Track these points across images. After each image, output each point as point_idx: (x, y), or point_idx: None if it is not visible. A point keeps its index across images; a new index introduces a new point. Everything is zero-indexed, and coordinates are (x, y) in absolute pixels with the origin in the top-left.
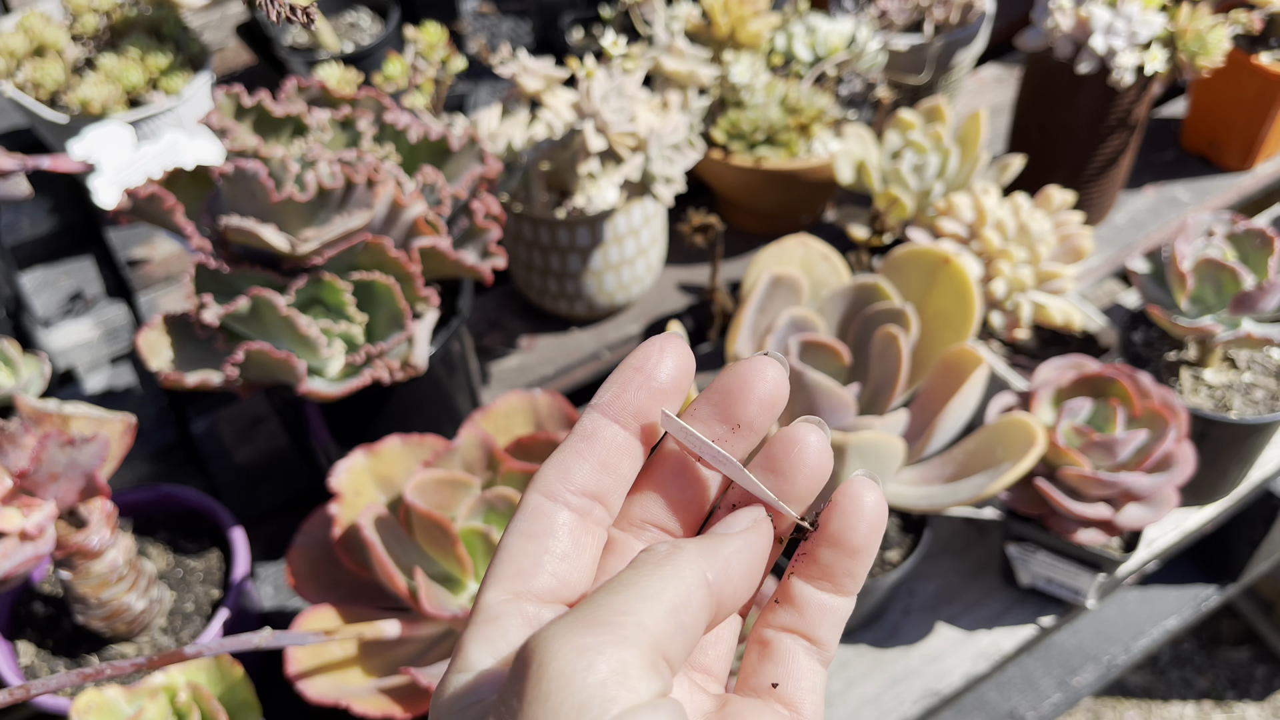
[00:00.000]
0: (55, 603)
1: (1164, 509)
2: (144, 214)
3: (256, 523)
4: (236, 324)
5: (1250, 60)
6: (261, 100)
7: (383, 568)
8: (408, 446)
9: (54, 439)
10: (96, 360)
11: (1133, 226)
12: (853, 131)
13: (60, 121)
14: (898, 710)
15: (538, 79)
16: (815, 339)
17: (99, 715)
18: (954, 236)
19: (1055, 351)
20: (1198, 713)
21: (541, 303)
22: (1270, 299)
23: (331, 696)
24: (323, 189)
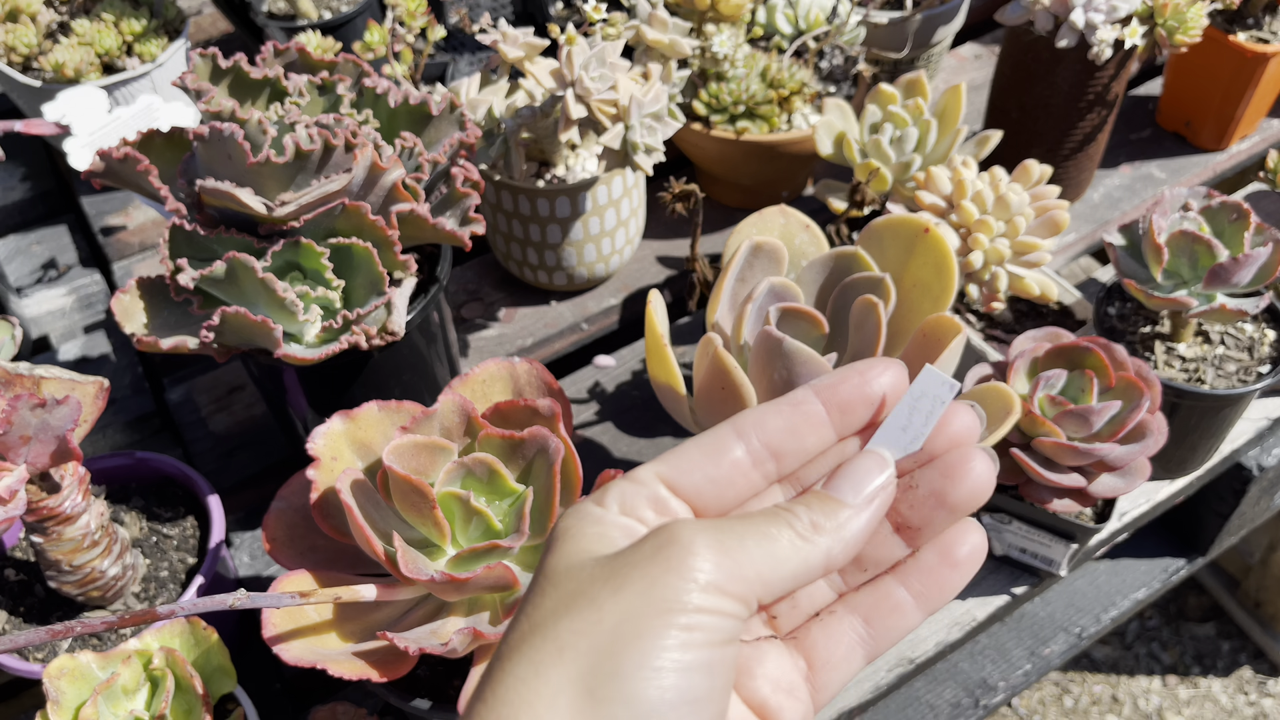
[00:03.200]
0: (27, 568)
1: (1137, 479)
2: (117, 176)
3: (233, 491)
4: (212, 288)
5: (1227, 39)
6: (238, 63)
7: (360, 532)
8: (386, 412)
9: (25, 401)
10: (71, 328)
11: (1108, 204)
12: (833, 104)
13: (33, 86)
14: (872, 678)
15: (518, 47)
16: (794, 307)
17: (71, 680)
18: (932, 208)
19: (1030, 324)
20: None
21: (521, 274)
22: (1245, 272)
23: (308, 660)
24: (300, 152)
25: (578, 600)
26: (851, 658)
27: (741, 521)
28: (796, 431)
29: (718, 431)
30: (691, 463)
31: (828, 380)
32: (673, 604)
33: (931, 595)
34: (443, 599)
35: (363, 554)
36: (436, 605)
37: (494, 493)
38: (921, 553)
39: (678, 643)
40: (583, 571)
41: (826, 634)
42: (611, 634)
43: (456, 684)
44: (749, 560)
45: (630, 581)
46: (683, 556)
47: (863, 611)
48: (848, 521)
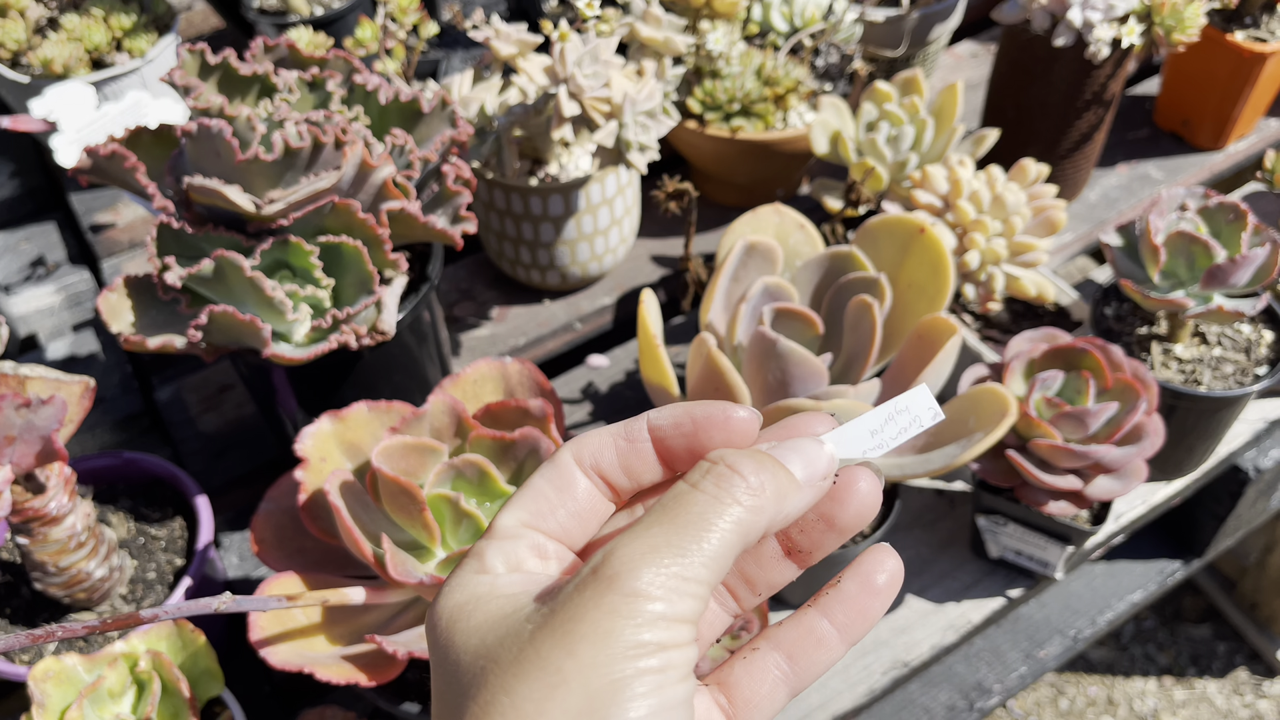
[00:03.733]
0: (12, 570)
1: (1133, 481)
2: (105, 173)
3: (221, 492)
4: (200, 287)
5: (1224, 38)
6: (227, 59)
7: (349, 534)
8: (375, 413)
9: (10, 400)
10: (59, 327)
11: (1105, 203)
12: (828, 103)
13: (21, 81)
14: (866, 681)
15: (511, 44)
16: (789, 307)
17: (57, 683)
18: (929, 208)
19: (1027, 325)
20: (1159, 688)
21: (514, 273)
22: (1242, 273)
23: (295, 663)
24: (289, 149)
25: (525, 665)
26: (775, 695)
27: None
28: (631, 471)
29: (559, 463)
30: (549, 503)
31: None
32: (636, 648)
33: (854, 625)
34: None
35: (352, 556)
36: (424, 609)
37: (484, 494)
38: (843, 582)
39: (654, 685)
40: (518, 634)
41: (749, 672)
42: (583, 693)
43: None
44: (693, 570)
45: (582, 636)
46: (630, 596)
47: (786, 648)
48: (790, 495)
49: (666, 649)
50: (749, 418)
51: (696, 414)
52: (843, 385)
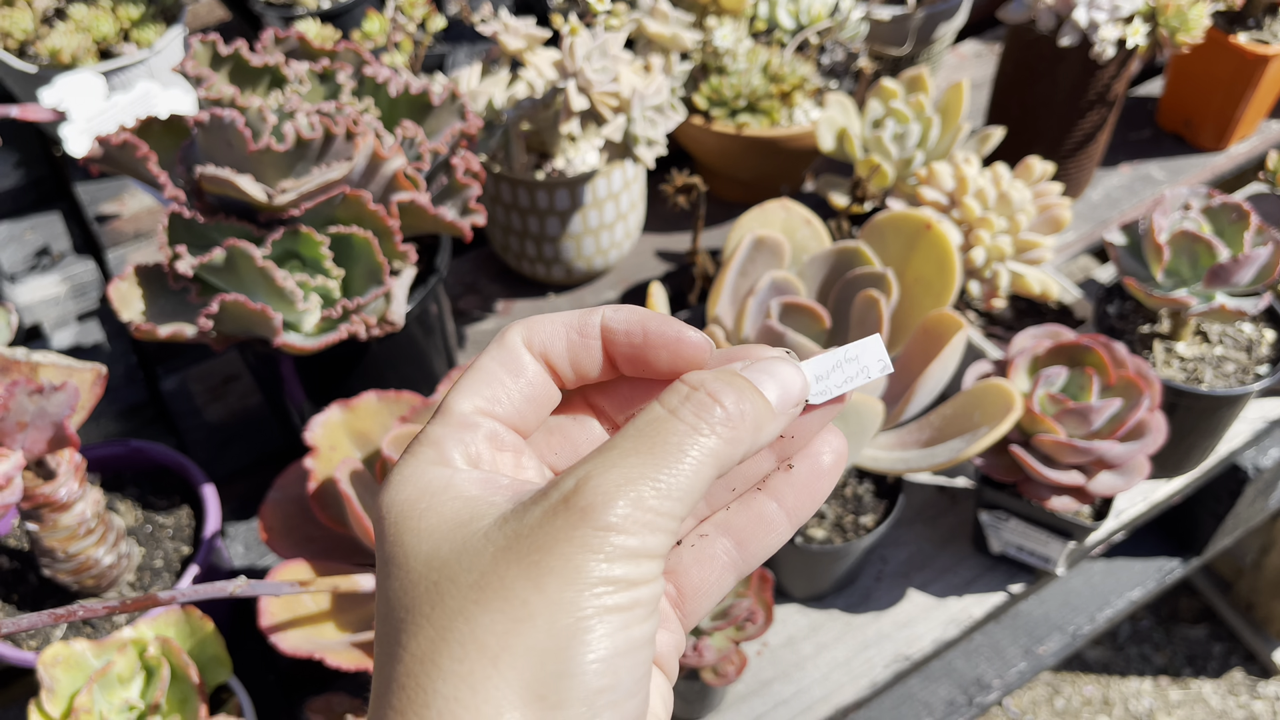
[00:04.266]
0: (21, 556)
1: (1135, 477)
2: (116, 163)
3: (226, 481)
4: (211, 276)
5: (1228, 39)
6: (239, 50)
7: (358, 522)
8: (384, 402)
9: (22, 387)
10: (63, 316)
11: (1108, 203)
12: (834, 100)
13: (29, 71)
14: (869, 674)
15: (519, 38)
16: (796, 301)
17: (66, 668)
18: (934, 204)
19: (1030, 323)
20: (1155, 688)
21: (519, 266)
22: (1245, 272)
23: (305, 649)
24: (301, 139)
25: (487, 593)
26: (723, 580)
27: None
28: (578, 365)
29: (508, 345)
30: (503, 387)
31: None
32: (604, 584)
33: (802, 507)
34: None
35: (359, 544)
36: None
37: None
38: (795, 465)
39: (621, 622)
40: (479, 553)
41: (697, 560)
42: (548, 630)
43: None
44: (665, 503)
45: (550, 569)
46: (603, 528)
47: (734, 533)
48: (767, 425)
49: (635, 585)
50: (700, 343)
51: (650, 326)
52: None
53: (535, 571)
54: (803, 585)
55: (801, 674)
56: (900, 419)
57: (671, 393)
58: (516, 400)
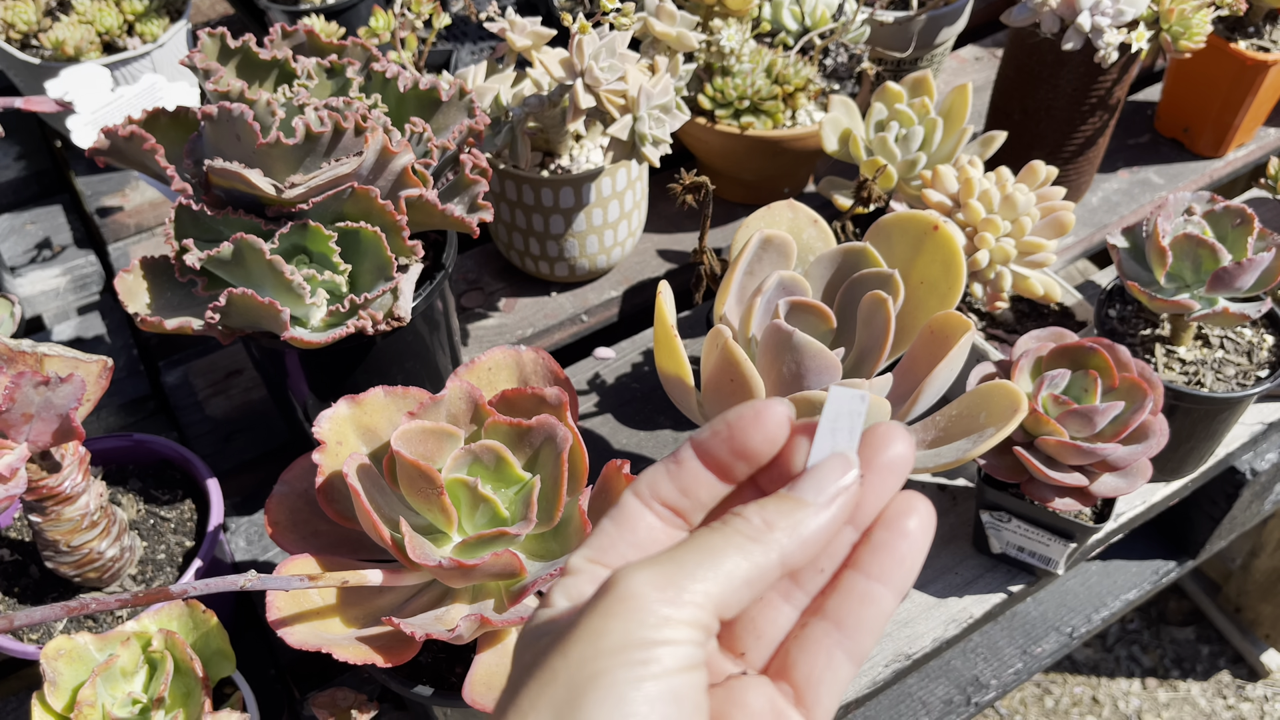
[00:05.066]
0: (23, 548)
1: (1138, 479)
2: (122, 155)
3: (230, 475)
4: (218, 269)
5: (1228, 46)
6: (247, 43)
7: (367, 517)
8: (392, 398)
9: (28, 379)
10: (64, 309)
11: (1106, 208)
12: (838, 101)
13: (32, 63)
14: (869, 672)
15: (526, 35)
16: (803, 301)
17: (69, 662)
18: (939, 206)
19: (1031, 325)
20: (1143, 689)
21: (522, 264)
22: (1247, 276)
23: (312, 643)
24: (310, 134)
25: (531, 671)
26: (836, 666)
27: (683, 547)
28: (688, 491)
29: (623, 503)
30: (611, 539)
31: (705, 434)
32: (623, 643)
33: (894, 573)
34: (448, 585)
35: (365, 539)
36: (440, 592)
37: (501, 480)
38: (873, 534)
39: (635, 676)
40: (537, 649)
41: (802, 650)
42: (568, 685)
43: (458, 671)
44: (695, 584)
45: (577, 637)
46: (626, 599)
47: (831, 615)
48: (805, 520)
49: (655, 646)
50: (780, 409)
51: (730, 418)
52: (856, 379)
53: (563, 644)
54: None
55: None
56: (906, 419)
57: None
58: (623, 548)
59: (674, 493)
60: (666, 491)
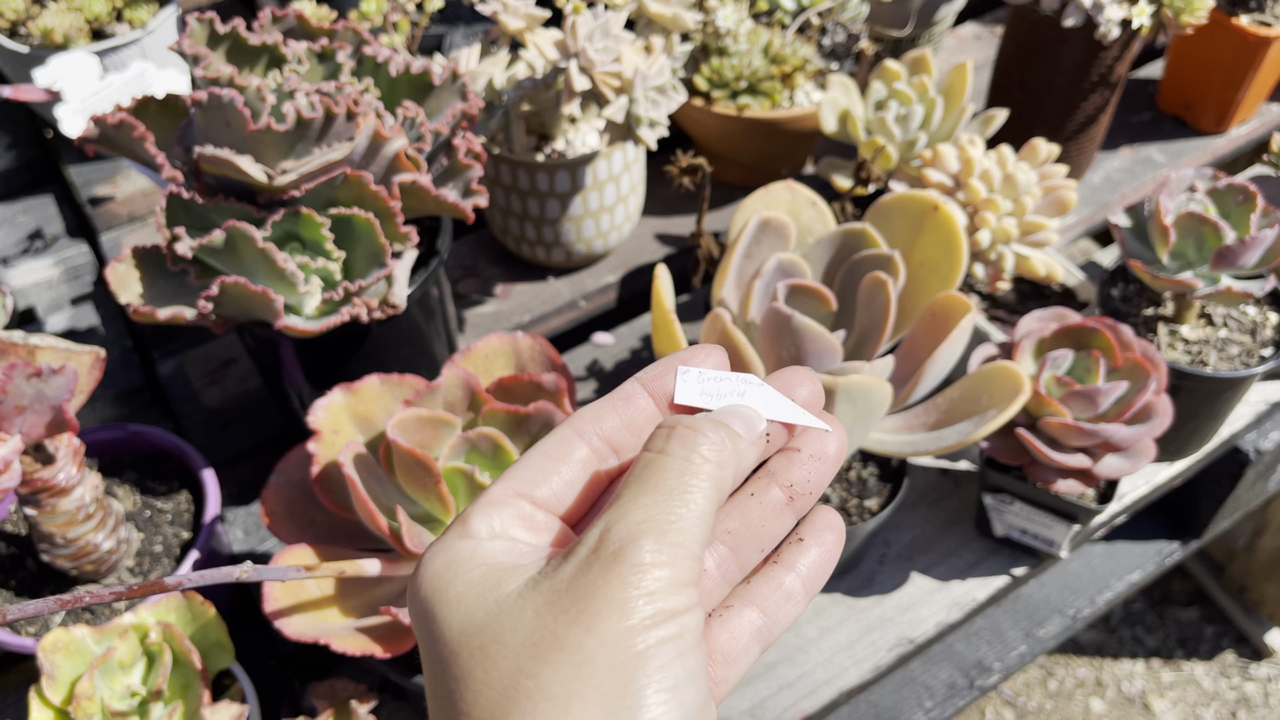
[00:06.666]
0: (19, 541)
1: (1142, 460)
2: (112, 143)
3: (225, 466)
4: (210, 258)
5: (1230, 21)
6: (236, 28)
7: (364, 506)
8: (387, 386)
9: (20, 370)
10: (57, 300)
11: (1108, 186)
12: (837, 81)
13: (20, 51)
14: (872, 658)
15: (520, 17)
16: (803, 284)
17: (66, 655)
18: (939, 186)
19: (1033, 305)
20: (1147, 670)
21: (518, 249)
22: (1251, 254)
23: (310, 635)
24: (301, 119)
25: (542, 648)
26: (750, 649)
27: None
28: (633, 425)
29: (558, 435)
30: (542, 471)
31: (653, 372)
32: (654, 617)
33: (814, 580)
34: None
35: (362, 529)
36: None
37: (498, 467)
38: (804, 540)
39: (676, 653)
40: (518, 612)
41: (726, 628)
42: (609, 669)
43: None
44: (686, 535)
45: (597, 613)
46: (639, 568)
47: (758, 602)
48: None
49: (680, 614)
50: (723, 352)
51: (680, 356)
52: (857, 361)
53: (584, 618)
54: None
55: (805, 657)
56: (907, 402)
57: (654, 437)
58: (555, 483)
59: (620, 428)
60: (610, 426)
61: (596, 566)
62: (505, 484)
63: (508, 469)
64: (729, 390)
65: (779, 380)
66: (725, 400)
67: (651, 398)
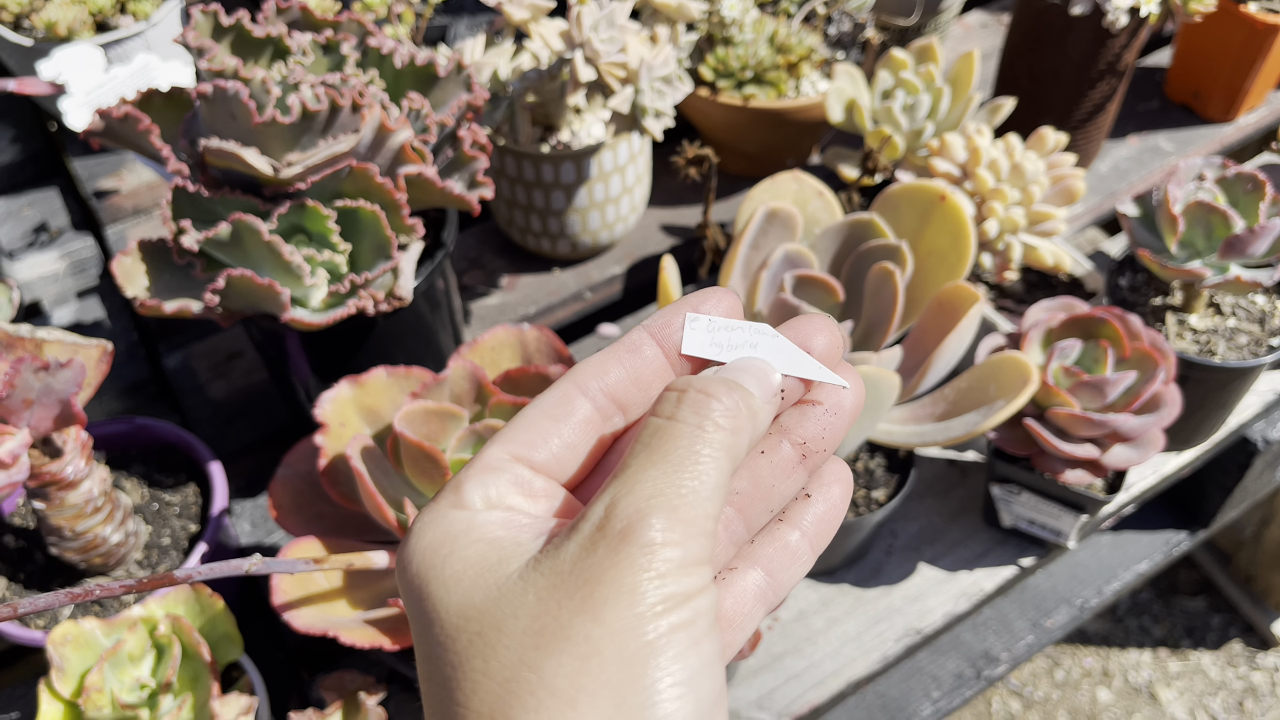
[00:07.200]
0: (27, 535)
1: (1150, 450)
2: (117, 136)
3: (232, 459)
4: (216, 250)
5: (1238, 9)
6: (240, 20)
7: (371, 499)
8: (394, 378)
9: (28, 364)
10: (63, 293)
11: (1116, 175)
12: (843, 70)
13: (24, 44)
14: (880, 648)
15: (524, 8)
16: (810, 274)
17: (75, 647)
18: (947, 176)
19: (1041, 295)
20: (1154, 660)
21: (524, 241)
22: (1260, 243)
23: (319, 627)
24: (307, 111)
25: (545, 637)
26: (755, 613)
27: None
28: (639, 379)
29: (558, 390)
30: (541, 432)
31: (661, 320)
32: (665, 603)
33: (820, 536)
34: None
35: (370, 521)
36: None
37: None
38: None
39: (690, 641)
40: (519, 597)
41: (731, 591)
42: (618, 661)
43: None
44: (698, 510)
45: (604, 600)
46: (648, 549)
47: (764, 563)
48: (759, 412)
49: (692, 597)
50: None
51: (691, 300)
52: (864, 352)
53: (590, 604)
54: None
55: (813, 648)
56: (915, 392)
57: (663, 401)
58: (555, 445)
59: (625, 382)
60: (616, 380)
61: (602, 547)
62: (501, 447)
63: (503, 429)
64: (741, 341)
65: (794, 329)
66: (737, 352)
67: (660, 347)
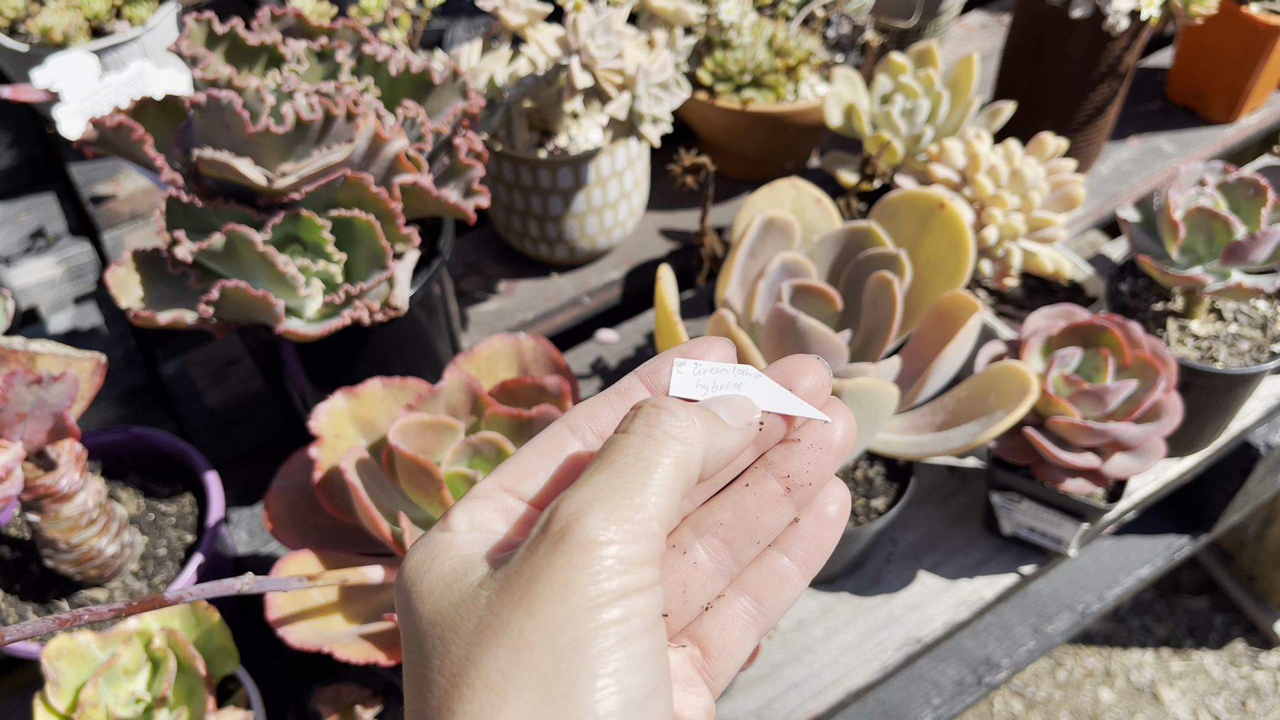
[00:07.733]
0: (22, 546)
1: (1151, 459)
2: (111, 145)
3: (229, 467)
4: (210, 261)
5: (1240, 10)
6: (234, 28)
7: (366, 512)
8: (389, 389)
9: (20, 377)
10: (60, 300)
11: (1117, 177)
12: (842, 74)
13: (20, 50)
14: (880, 657)
15: (520, 13)
16: (808, 284)
17: (71, 661)
18: (946, 182)
19: (1041, 301)
20: (1156, 660)
21: (521, 246)
22: (1262, 249)
23: (314, 643)
24: (301, 121)
25: (488, 633)
26: (745, 640)
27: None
28: None
29: (551, 431)
30: (531, 466)
31: (650, 366)
32: (596, 599)
33: (812, 559)
34: None
35: (366, 533)
36: None
37: None
38: (800, 519)
39: (620, 637)
40: (474, 602)
41: (718, 620)
42: (548, 653)
43: None
44: (643, 512)
45: (538, 596)
46: (585, 547)
47: (751, 590)
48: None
49: (628, 595)
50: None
51: (682, 349)
52: (863, 363)
53: (526, 601)
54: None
55: (812, 657)
56: (914, 402)
57: (623, 419)
58: (542, 480)
59: (614, 424)
60: (606, 422)
61: (543, 547)
62: (493, 479)
63: (501, 465)
64: (725, 382)
65: (784, 368)
66: (721, 392)
67: (650, 392)
